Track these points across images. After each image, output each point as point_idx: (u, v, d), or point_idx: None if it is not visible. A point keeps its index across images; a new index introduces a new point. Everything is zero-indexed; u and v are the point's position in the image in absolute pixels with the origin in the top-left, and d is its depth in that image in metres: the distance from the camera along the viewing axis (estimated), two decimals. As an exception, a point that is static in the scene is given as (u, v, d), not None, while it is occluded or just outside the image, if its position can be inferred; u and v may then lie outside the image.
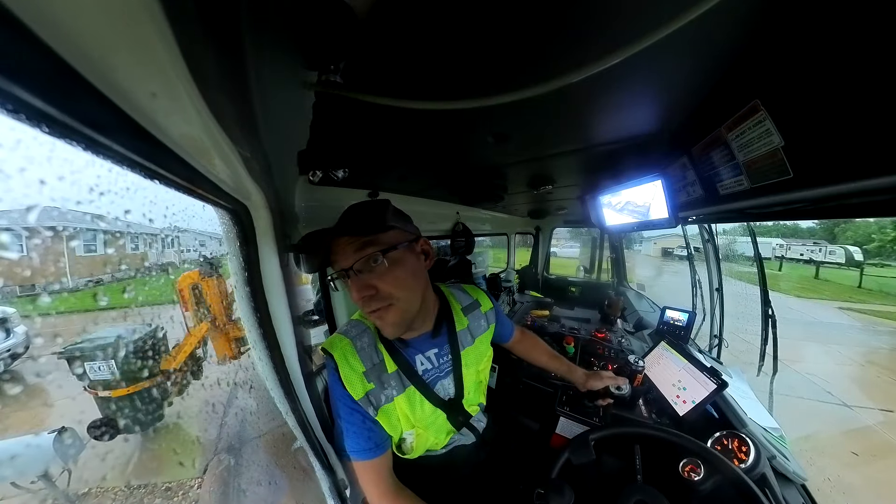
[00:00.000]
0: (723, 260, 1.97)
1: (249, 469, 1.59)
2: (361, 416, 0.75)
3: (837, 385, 4.81)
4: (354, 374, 0.75)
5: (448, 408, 0.87)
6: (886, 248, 18.26)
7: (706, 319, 2.02)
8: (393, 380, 0.79)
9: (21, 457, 1.39)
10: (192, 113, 0.30)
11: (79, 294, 2.60)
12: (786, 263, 18.86)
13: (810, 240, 29.72)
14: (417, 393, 0.82)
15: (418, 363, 0.84)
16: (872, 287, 13.68)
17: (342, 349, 0.77)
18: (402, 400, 0.79)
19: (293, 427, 0.87)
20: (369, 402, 0.75)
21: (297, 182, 0.99)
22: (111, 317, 2.71)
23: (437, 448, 0.93)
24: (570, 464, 0.83)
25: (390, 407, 0.78)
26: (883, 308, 10.23)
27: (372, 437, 0.75)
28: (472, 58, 0.51)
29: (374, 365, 0.78)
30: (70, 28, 0.19)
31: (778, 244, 23.07)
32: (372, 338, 0.81)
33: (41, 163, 0.26)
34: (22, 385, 2.16)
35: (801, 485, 0.95)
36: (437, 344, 0.87)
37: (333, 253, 0.69)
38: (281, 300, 0.81)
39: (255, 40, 0.36)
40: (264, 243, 0.75)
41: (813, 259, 14.50)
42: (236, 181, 0.55)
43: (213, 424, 2.36)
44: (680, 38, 0.40)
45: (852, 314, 9.75)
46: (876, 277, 14.36)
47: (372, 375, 0.77)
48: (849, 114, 0.46)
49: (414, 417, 0.81)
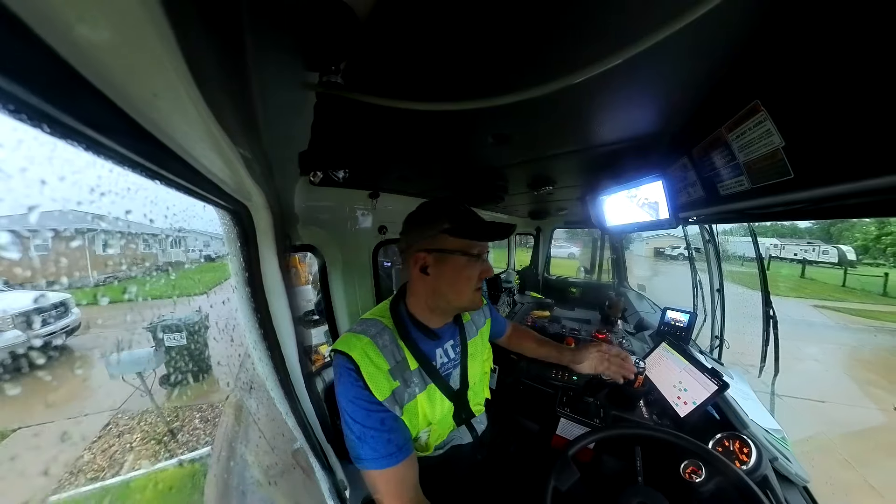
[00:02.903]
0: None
1: (258, 392, 1.99)
2: (381, 417, 0.70)
3: (785, 381, 4.94)
4: (380, 373, 0.73)
5: (455, 399, 0.89)
6: (870, 247, 18.19)
7: (706, 320, 2.02)
8: (416, 377, 0.79)
9: (132, 362, 2.45)
10: (193, 113, 0.30)
11: (100, 289, 3.26)
12: (776, 263, 18.86)
13: (806, 240, 29.70)
14: (437, 390, 0.83)
15: (438, 357, 0.86)
16: (855, 286, 13.73)
17: (362, 348, 0.74)
18: (424, 397, 0.80)
19: (293, 427, 0.86)
20: (395, 402, 0.74)
21: (298, 182, 1.00)
22: (127, 305, 3.55)
23: (439, 441, 0.92)
24: (559, 491, 0.80)
25: (413, 405, 0.78)
26: (857, 306, 10.23)
27: (393, 440, 0.69)
28: (473, 59, 0.51)
29: (398, 363, 0.77)
30: (71, 29, 0.19)
31: (772, 244, 23.08)
32: (392, 335, 0.80)
33: (42, 163, 0.26)
34: (78, 352, 3.23)
35: (802, 487, 0.95)
36: (453, 334, 0.92)
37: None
38: (281, 300, 0.81)
39: (257, 41, 0.36)
40: (265, 243, 0.75)
41: (806, 259, 14.51)
42: (237, 182, 0.55)
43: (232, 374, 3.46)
44: (680, 39, 0.40)
45: (826, 312, 9.80)
46: (859, 276, 14.38)
47: (397, 373, 0.76)
48: (849, 114, 0.46)
49: (432, 414, 0.82)
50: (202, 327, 3.30)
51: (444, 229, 0.76)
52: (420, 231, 0.79)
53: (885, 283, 13.15)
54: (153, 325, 3.02)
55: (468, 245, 0.78)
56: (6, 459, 2.21)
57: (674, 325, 1.79)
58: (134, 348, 2.74)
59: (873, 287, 13.56)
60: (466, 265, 0.78)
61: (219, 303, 3.13)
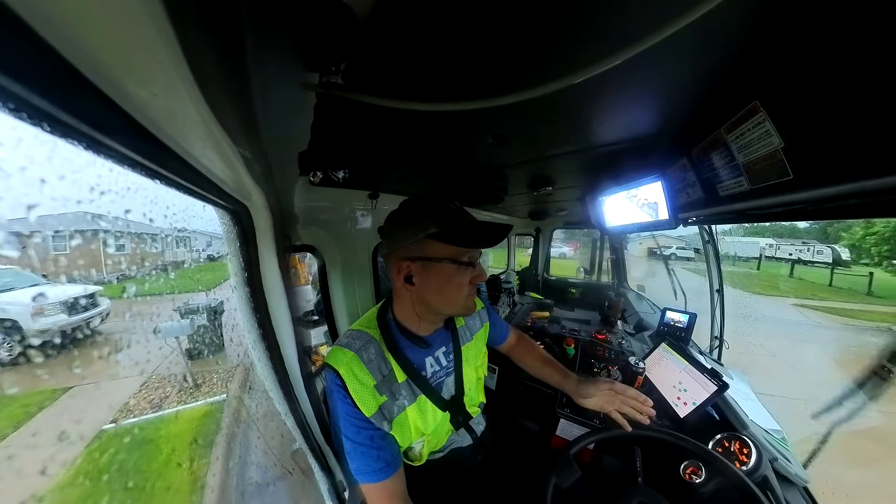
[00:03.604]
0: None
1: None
2: (370, 434, 0.71)
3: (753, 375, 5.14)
4: (365, 390, 0.71)
5: (451, 407, 0.87)
6: (856, 247, 17.99)
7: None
8: (404, 389, 0.77)
9: (174, 329, 3.37)
10: (193, 113, 0.30)
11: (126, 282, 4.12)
12: (767, 262, 18.82)
13: (801, 240, 29.65)
14: (428, 402, 0.81)
15: (428, 366, 0.83)
16: (842, 285, 13.74)
17: (348, 364, 0.71)
18: (414, 410, 0.78)
19: (292, 428, 0.86)
20: (383, 417, 0.72)
21: (298, 183, 1.00)
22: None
23: (437, 448, 0.92)
24: (560, 489, 0.81)
25: (402, 417, 0.76)
26: (839, 305, 10.26)
27: (382, 457, 0.70)
28: (473, 59, 0.51)
29: (384, 377, 0.74)
30: (72, 28, 0.19)
31: (767, 244, 23.00)
32: (378, 347, 0.77)
33: (42, 162, 0.26)
34: (110, 334, 4.02)
35: (803, 487, 0.95)
36: (445, 341, 0.89)
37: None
38: (281, 301, 0.81)
39: (257, 41, 0.36)
40: (264, 244, 0.75)
41: (801, 258, 14.53)
42: (237, 182, 0.55)
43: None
44: (679, 39, 0.40)
45: (806, 311, 9.85)
46: (847, 276, 14.38)
47: (383, 388, 0.73)
48: (848, 114, 0.46)
49: (424, 426, 0.80)
50: (219, 311, 4.24)
51: (430, 233, 0.68)
52: (404, 233, 0.71)
53: (870, 282, 13.16)
54: (183, 306, 3.93)
55: (458, 252, 0.70)
56: (73, 406, 3.03)
57: (673, 325, 1.79)
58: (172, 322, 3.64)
59: (859, 287, 13.59)
60: (456, 273, 0.71)
61: (229, 293, 4.08)
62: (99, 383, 3.58)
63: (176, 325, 3.39)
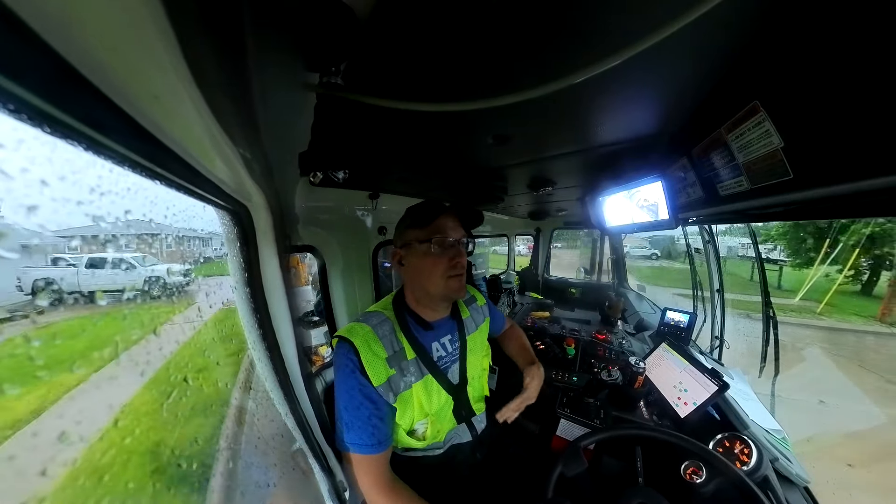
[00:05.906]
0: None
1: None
2: (371, 409, 0.76)
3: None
4: (378, 360, 0.77)
5: (455, 393, 0.91)
6: (799, 248, 17.10)
7: (706, 321, 2.02)
8: (412, 366, 0.83)
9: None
10: (194, 114, 0.30)
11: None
12: (733, 261, 18.73)
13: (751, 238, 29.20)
14: (434, 381, 0.86)
15: (434, 350, 0.89)
16: (786, 284, 13.75)
17: (364, 336, 0.79)
18: (420, 387, 0.83)
19: (292, 428, 0.86)
20: (389, 388, 0.78)
21: (298, 183, 1.00)
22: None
23: (438, 439, 0.93)
24: (564, 476, 0.82)
25: (408, 394, 0.81)
26: (739, 297, 10.10)
27: (375, 434, 0.75)
28: (473, 60, 0.51)
29: (396, 352, 0.81)
30: (73, 30, 0.19)
31: (741, 244, 22.83)
32: (392, 326, 0.85)
33: (42, 163, 0.26)
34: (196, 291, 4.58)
35: (803, 487, 0.95)
36: (451, 329, 0.95)
37: (443, 225, 0.83)
38: (281, 301, 0.81)
39: (257, 42, 0.36)
40: (264, 244, 0.75)
41: (770, 258, 14.57)
42: (237, 182, 0.55)
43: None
44: (679, 39, 0.40)
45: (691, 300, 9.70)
46: (773, 272, 14.33)
47: (394, 361, 0.80)
48: (848, 114, 0.46)
49: (429, 405, 0.84)
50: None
51: (407, 225, 0.85)
52: (398, 232, 0.88)
53: (779, 276, 13.36)
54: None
55: (426, 233, 0.82)
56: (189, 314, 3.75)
57: (674, 325, 1.79)
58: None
59: (773, 281, 13.44)
60: (429, 252, 0.81)
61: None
62: (198, 304, 4.09)
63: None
